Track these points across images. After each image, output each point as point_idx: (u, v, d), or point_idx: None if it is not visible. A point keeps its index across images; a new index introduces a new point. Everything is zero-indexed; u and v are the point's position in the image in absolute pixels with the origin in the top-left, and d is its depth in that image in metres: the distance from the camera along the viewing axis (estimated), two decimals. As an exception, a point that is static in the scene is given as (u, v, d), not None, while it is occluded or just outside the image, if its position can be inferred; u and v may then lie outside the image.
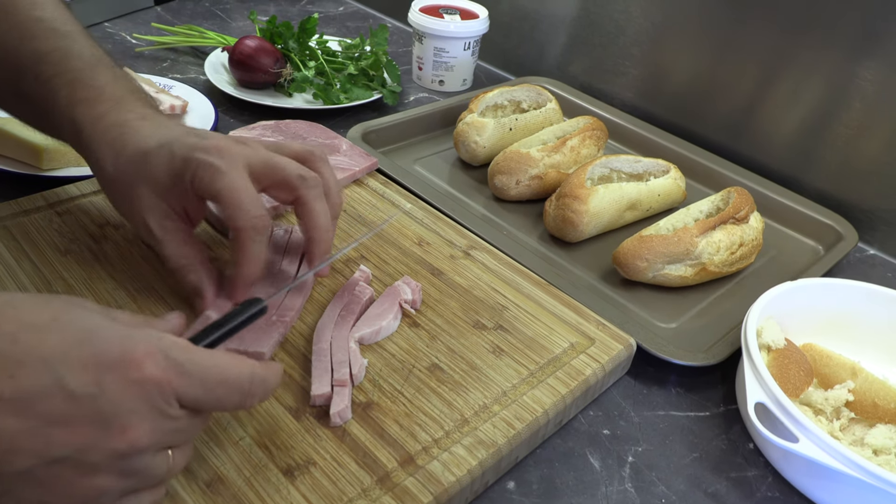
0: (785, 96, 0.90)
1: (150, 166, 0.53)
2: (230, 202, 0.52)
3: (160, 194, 0.54)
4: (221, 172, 0.52)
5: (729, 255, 0.72)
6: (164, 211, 0.54)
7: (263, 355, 0.53)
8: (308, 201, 0.55)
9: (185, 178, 0.52)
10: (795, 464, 0.53)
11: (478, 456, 0.49)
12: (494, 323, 0.61)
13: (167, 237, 0.55)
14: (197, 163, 0.52)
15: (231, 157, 0.53)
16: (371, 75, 1.03)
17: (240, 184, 0.52)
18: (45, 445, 0.33)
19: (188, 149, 0.53)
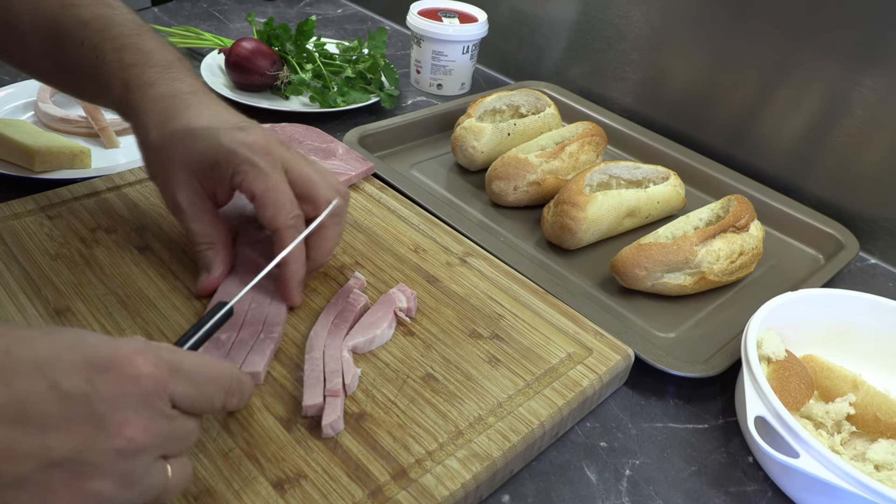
0: (786, 103, 0.89)
1: (194, 147, 0.55)
2: (269, 203, 0.55)
3: (196, 174, 0.56)
4: (264, 174, 0.55)
5: (729, 264, 0.71)
6: (196, 189, 0.56)
7: (259, 375, 0.52)
8: (327, 226, 0.58)
9: (226, 170, 0.55)
10: (796, 479, 0.52)
11: (472, 469, 0.48)
12: (490, 332, 0.60)
13: (195, 214, 0.57)
14: (241, 159, 0.54)
15: (273, 158, 0.55)
16: (369, 78, 1.02)
17: (280, 187, 0.55)
18: (42, 449, 0.33)
19: (234, 142, 0.55)
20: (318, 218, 0.57)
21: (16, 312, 0.55)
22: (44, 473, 0.33)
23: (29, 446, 0.33)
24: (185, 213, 0.57)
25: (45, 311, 0.56)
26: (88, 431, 0.34)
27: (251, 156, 0.54)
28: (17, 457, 0.32)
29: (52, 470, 0.33)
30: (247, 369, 0.52)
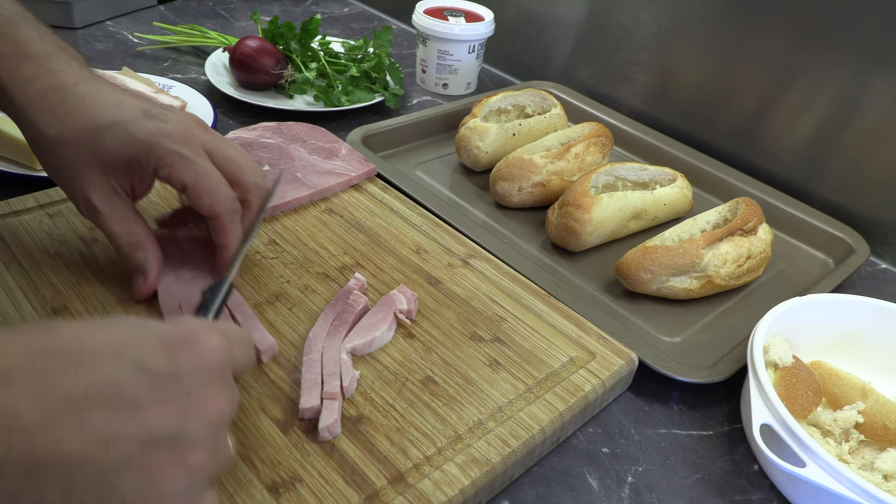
0: (796, 105, 0.88)
1: (104, 144, 0.51)
2: (204, 191, 0.53)
3: (109, 172, 0.53)
4: (191, 162, 0.52)
5: (736, 268, 0.70)
6: (111, 188, 0.53)
7: (274, 345, 0.54)
8: (253, 208, 0.57)
9: (146, 164, 0.52)
10: (802, 489, 0.51)
11: (471, 475, 0.47)
12: (492, 335, 0.59)
13: (114, 215, 0.54)
14: (163, 151, 0.52)
15: (195, 144, 0.53)
16: (373, 78, 1.01)
17: (211, 173, 0.53)
18: (141, 429, 0.33)
19: (150, 134, 0.52)
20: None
21: (13, 310, 0.55)
22: (145, 453, 0.33)
23: (128, 428, 0.32)
24: (103, 214, 0.53)
25: (42, 310, 0.55)
26: (182, 407, 0.34)
27: (173, 146, 0.52)
28: (118, 440, 0.32)
29: (153, 449, 0.33)
30: (261, 346, 0.53)
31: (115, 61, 1.04)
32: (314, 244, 0.67)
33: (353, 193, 0.75)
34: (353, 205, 0.73)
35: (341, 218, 0.71)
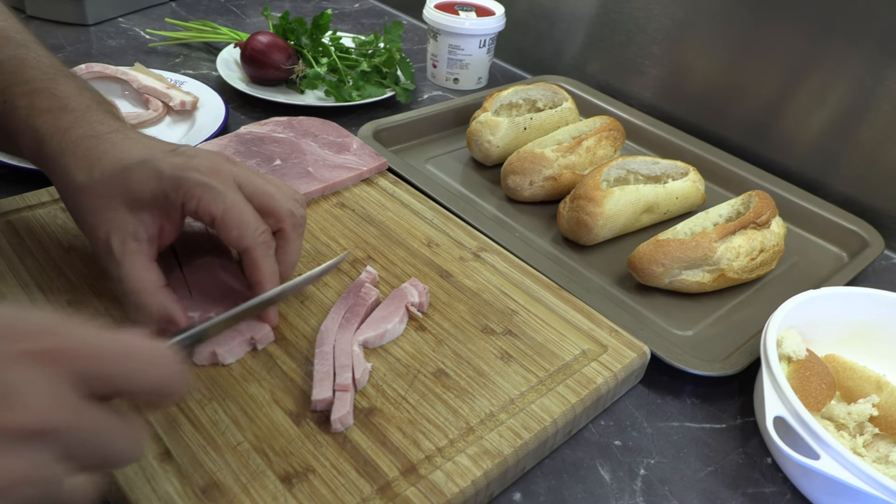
0: (809, 97, 0.87)
1: (131, 182, 0.51)
2: (234, 224, 0.51)
3: (134, 211, 0.51)
4: (219, 193, 0.51)
5: (749, 262, 0.70)
6: (132, 230, 0.51)
7: (273, 319, 0.55)
8: (290, 237, 0.55)
9: (175, 199, 0.50)
10: (816, 481, 0.51)
11: (483, 466, 0.47)
12: (503, 328, 0.59)
13: (126, 258, 0.51)
14: (192, 183, 0.50)
15: (224, 176, 0.52)
16: (384, 73, 1.01)
17: (240, 204, 0.51)
18: None
19: (177, 168, 0.51)
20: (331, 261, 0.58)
21: (29, 304, 0.55)
22: None
23: None
24: (116, 258, 0.50)
25: (57, 304, 0.55)
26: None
27: (200, 177, 0.50)
28: None
29: None
30: (256, 335, 0.53)
31: (127, 57, 1.05)
32: (326, 238, 0.67)
33: (365, 187, 0.75)
34: (364, 199, 0.73)
35: (353, 212, 0.71)
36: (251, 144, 0.76)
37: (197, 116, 0.88)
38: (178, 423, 0.47)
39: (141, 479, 0.43)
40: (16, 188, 0.68)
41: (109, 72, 0.92)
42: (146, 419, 0.47)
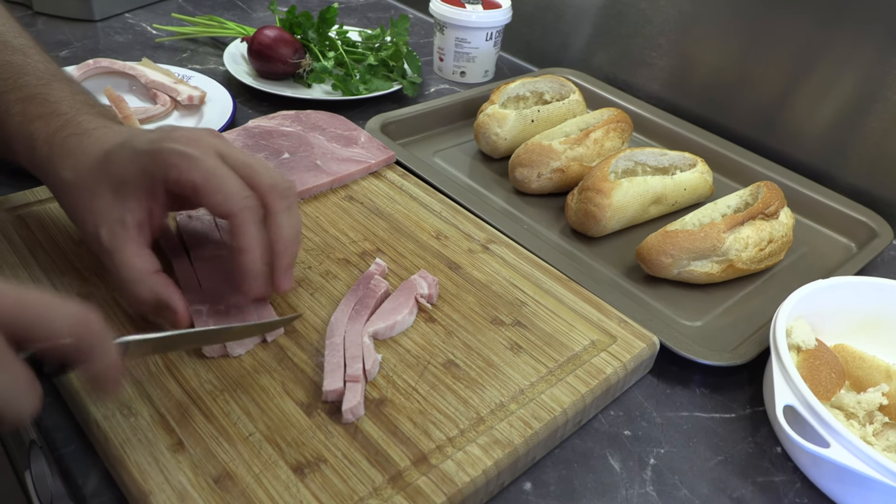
0: (817, 88, 0.87)
1: (112, 166, 0.51)
2: (215, 188, 0.49)
3: (119, 198, 0.51)
4: (199, 160, 0.49)
5: (757, 252, 0.69)
6: (118, 218, 0.50)
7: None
8: (276, 212, 0.52)
9: (155, 173, 0.50)
10: (826, 470, 0.51)
11: (493, 456, 0.47)
12: (513, 319, 0.59)
13: (115, 247, 0.50)
14: (168, 153, 0.49)
15: (204, 146, 0.51)
16: (391, 66, 1.01)
17: (221, 169, 0.50)
18: None
19: (153, 142, 0.50)
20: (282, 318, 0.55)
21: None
22: None
23: None
24: (106, 246, 0.51)
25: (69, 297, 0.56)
26: None
27: (177, 146, 0.49)
28: None
29: None
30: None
31: (134, 53, 1.05)
32: (335, 230, 0.67)
33: (373, 180, 0.75)
34: (372, 192, 0.73)
35: (361, 205, 0.71)
36: (259, 138, 0.77)
37: (205, 111, 0.88)
38: (191, 415, 0.48)
39: (154, 470, 0.44)
40: (25, 183, 0.68)
41: (117, 67, 0.93)
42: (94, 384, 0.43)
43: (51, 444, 0.49)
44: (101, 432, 0.46)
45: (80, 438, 0.49)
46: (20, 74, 0.57)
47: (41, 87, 0.56)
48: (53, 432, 0.50)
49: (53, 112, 0.55)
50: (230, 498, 0.43)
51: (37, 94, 0.56)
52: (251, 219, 0.50)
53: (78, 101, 0.57)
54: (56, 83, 0.57)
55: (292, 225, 0.53)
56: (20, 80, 0.56)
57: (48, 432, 0.50)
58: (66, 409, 0.51)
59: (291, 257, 0.54)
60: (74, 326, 0.39)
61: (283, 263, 0.53)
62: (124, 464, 0.44)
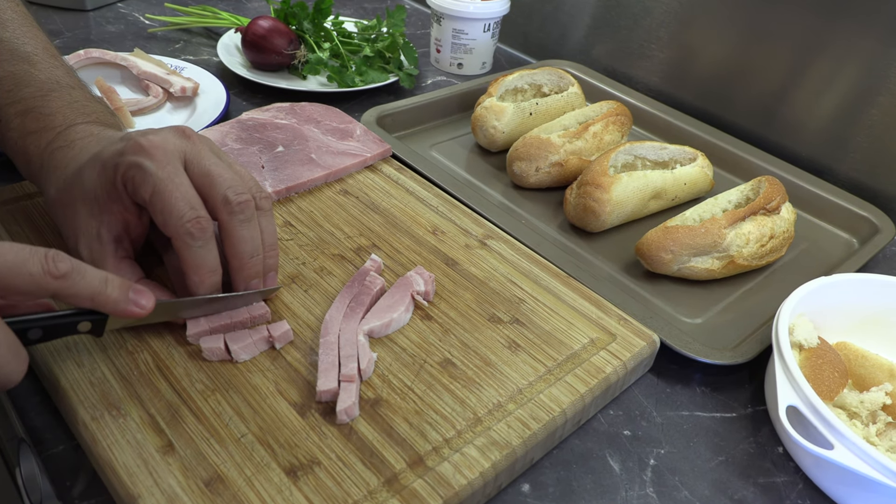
0: (819, 81, 0.86)
1: (84, 181, 0.50)
2: (159, 207, 0.47)
3: (96, 212, 0.50)
4: (150, 175, 0.47)
5: (759, 248, 0.68)
6: (95, 233, 0.50)
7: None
8: (228, 228, 0.50)
9: (120, 187, 0.49)
10: (829, 471, 0.50)
11: (491, 458, 0.46)
12: (511, 316, 0.58)
13: (95, 263, 0.49)
14: (125, 166, 0.48)
15: (163, 154, 0.48)
16: (387, 58, 1.00)
17: (168, 186, 0.47)
18: None
19: (117, 153, 0.49)
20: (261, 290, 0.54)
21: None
22: None
23: None
24: (85, 260, 0.48)
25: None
26: None
27: (134, 158, 0.47)
28: None
29: None
30: (275, 333, 0.52)
31: (126, 43, 1.03)
32: (329, 225, 0.66)
33: (368, 174, 0.74)
34: (368, 186, 0.72)
35: (356, 199, 0.70)
36: (253, 131, 0.75)
37: (198, 102, 0.87)
38: (181, 415, 0.47)
39: (143, 472, 0.43)
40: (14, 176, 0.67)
41: (108, 58, 0.91)
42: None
43: (38, 444, 0.48)
44: (88, 433, 0.45)
45: (69, 439, 0.48)
46: (21, 86, 0.56)
47: (38, 100, 0.56)
48: (41, 432, 0.49)
49: (46, 126, 0.54)
50: (221, 502, 0.42)
51: (33, 108, 0.55)
52: (189, 244, 0.48)
53: (74, 110, 0.56)
54: (55, 94, 0.56)
55: (250, 239, 0.51)
56: (20, 93, 0.56)
57: (36, 432, 0.49)
58: (53, 408, 0.50)
59: (253, 269, 0.52)
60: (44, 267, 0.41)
61: (243, 276, 0.52)
62: (112, 466, 0.43)
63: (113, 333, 0.51)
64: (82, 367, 0.49)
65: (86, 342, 0.51)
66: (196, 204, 0.48)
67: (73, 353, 0.50)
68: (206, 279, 0.50)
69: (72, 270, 0.42)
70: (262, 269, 0.53)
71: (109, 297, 0.45)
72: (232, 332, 0.52)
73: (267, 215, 0.53)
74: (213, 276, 0.50)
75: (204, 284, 0.50)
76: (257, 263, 0.52)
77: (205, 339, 0.51)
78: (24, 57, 0.58)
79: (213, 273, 0.50)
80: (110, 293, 0.45)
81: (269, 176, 0.69)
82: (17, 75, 0.56)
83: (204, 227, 0.48)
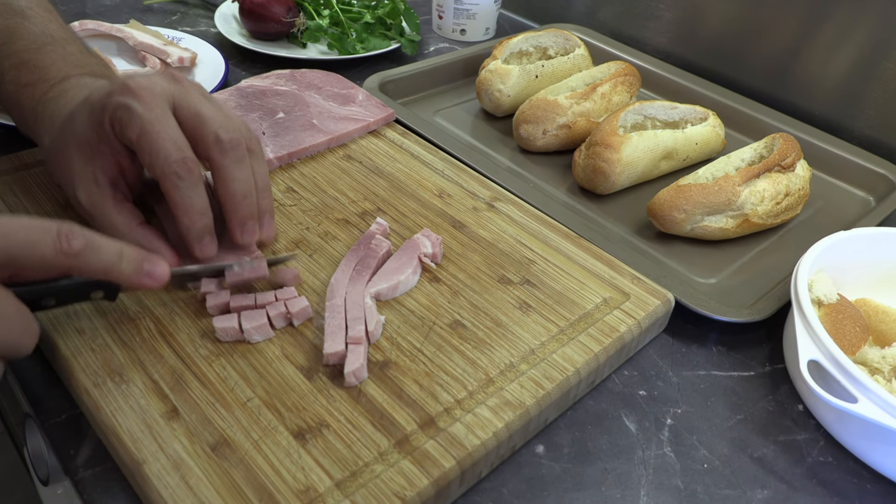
0: (831, 36, 0.83)
1: (75, 125, 0.49)
2: (146, 147, 0.47)
3: (89, 156, 0.49)
4: (137, 115, 0.46)
5: (774, 206, 0.67)
6: (91, 177, 0.49)
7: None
8: (220, 167, 0.49)
9: (109, 130, 0.48)
10: (852, 426, 0.48)
11: (504, 418, 0.45)
12: (521, 277, 0.56)
13: (94, 208, 0.49)
14: (112, 107, 0.47)
15: (150, 95, 0.48)
16: (388, 24, 0.98)
17: (155, 126, 0.47)
18: None
19: (105, 95, 0.48)
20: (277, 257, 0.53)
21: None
22: None
23: None
24: (85, 207, 0.49)
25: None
26: None
27: (122, 99, 0.47)
28: None
29: None
30: (293, 310, 0.50)
31: (122, 16, 1.01)
32: (333, 191, 0.64)
33: (372, 139, 0.72)
34: (371, 150, 0.70)
35: (360, 164, 0.68)
36: (253, 98, 0.74)
37: (196, 73, 0.85)
38: (185, 381, 0.45)
39: (148, 438, 0.42)
40: (11, 147, 0.66)
41: (104, 29, 0.89)
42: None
43: (41, 414, 0.47)
44: (91, 400, 0.44)
45: (71, 407, 0.47)
46: (15, 39, 0.56)
47: (32, 53, 0.55)
48: (44, 402, 0.47)
49: (40, 79, 0.54)
50: (228, 465, 0.41)
51: (27, 60, 0.55)
52: (177, 185, 0.47)
53: (68, 63, 0.56)
54: (49, 47, 0.56)
55: (243, 179, 0.50)
56: (14, 46, 0.56)
57: (38, 402, 0.47)
58: (55, 377, 0.49)
59: (248, 210, 0.51)
60: (57, 246, 0.41)
61: (238, 217, 0.51)
62: (116, 433, 0.42)
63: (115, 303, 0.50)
64: (83, 334, 0.48)
65: (86, 308, 0.50)
66: (183, 145, 0.48)
67: (74, 320, 0.49)
68: (196, 221, 0.49)
69: (85, 247, 0.42)
70: (257, 210, 0.52)
71: (123, 272, 0.44)
72: (247, 312, 0.49)
73: (258, 158, 0.53)
74: (202, 219, 0.49)
75: (195, 227, 0.49)
76: (251, 205, 0.51)
77: (218, 320, 0.49)
78: (18, 11, 0.58)
79: (203, 215, 0.49)
80: (125, 268, 0.44)
81: (270, 142, 0.67)
82: (11, 28, 0.56)
83: (191, 167, 0.47)
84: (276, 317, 0.50)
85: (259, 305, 0.50)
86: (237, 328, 0.48)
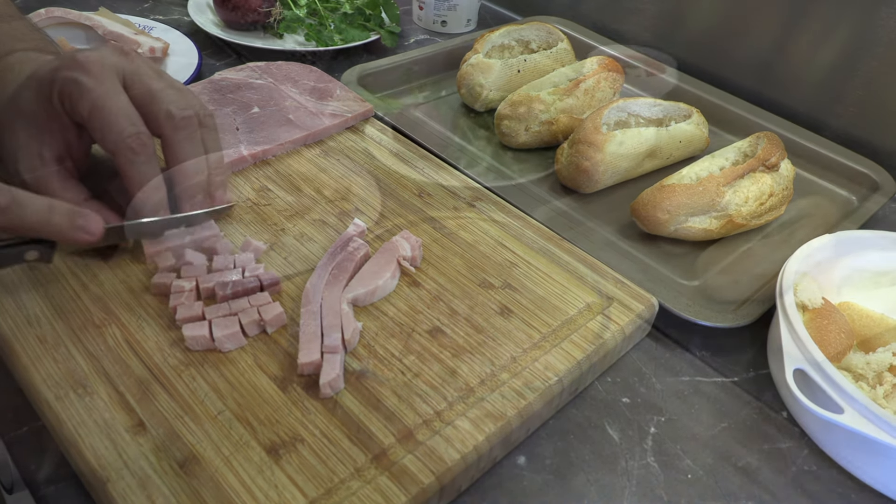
0: (815, 33, 0.82)
1: (21, 100, 0.48)
2: (98, 122, 0.46)
3: (35, 132, 0.48)
4: (88, 90, 0.46)
5: (758, 206, 0.66)
6: (36, 153, 0.48)
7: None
8: (171, 143, 0.50)
9: (56, 104, 0.47)
10: (838, 436, 0.48)
11: (485, 430, 0.44)
12: (502, 281, 0.55)
13: (39, 186, 0.48)
14: (61, 82, 0.46)
15: (101, 69, 0.47)
16: (368, 15, 0.96)
17: (107, 101, 0.46)
18: None
19: (53, 69, 0.47)
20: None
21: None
22: None
23: None
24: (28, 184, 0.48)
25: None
26: None
27: (71, 74, 0.46)
28: None
29: None
30: (266, 317, 0.48)
31: (91, 2, 0.98)
32: (309, 189, 0.62)
33: (350, 135, 0.70)
34: (349, 147, 0.68)
35: (337, 161, 0.66)
36: (226, 91, 0.71)
37: (168, 63, 0.83)
38: (153, 393, 0.44)
39: (112, 454, 0.40)
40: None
41: (72, 17, 0.86)
42: None
43: (1, 426, 0.45)
44: (52, 414, 0.42)
45: (33, 420, 0.45)
46: None
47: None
48: (3, 412, 0.45)
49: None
50: (197, 483, 0.39)
51: None
52: (132, 160, 0.47)
53: (13, 38, 0.54)
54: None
55: (193, 154, 0.50)
56: None
57: (-2, 414, 0.45)
58: (16, 388, 0.46)
59: (199, 186, 0.51)
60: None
61: (187, 194, 0.51)
62: (79, 448, 0.40)
63: (78, 308, 0.48)
64: (45, 342, 0.46)
65: (46, 314, 0.47)
66: (136, 120, 0.47)
67: (35, 328, 0.46)
68: (150, 196, 0.48)
69: (11, 202, 0.41)
70: (208, 186, 0.52)
71: (55, 226, 0.44)
72: (218, 319, 0.48)
73: (211, 132, 0.52)
74: (157, 193, 0.49)
75: (150, 201, 0.49)
76: (202, 181, 0.51)
77: (187, 327, 0.47)
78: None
79: (157, 190, 0.49)
80: (56, 221, 0.44)
81: (244, 138, 0.65)
82: None
83: (145, 142, 0.47)
84: (248, 324, 0.48)
85: (232, 313, 0.48)
86: (208, 336, 0.46)
